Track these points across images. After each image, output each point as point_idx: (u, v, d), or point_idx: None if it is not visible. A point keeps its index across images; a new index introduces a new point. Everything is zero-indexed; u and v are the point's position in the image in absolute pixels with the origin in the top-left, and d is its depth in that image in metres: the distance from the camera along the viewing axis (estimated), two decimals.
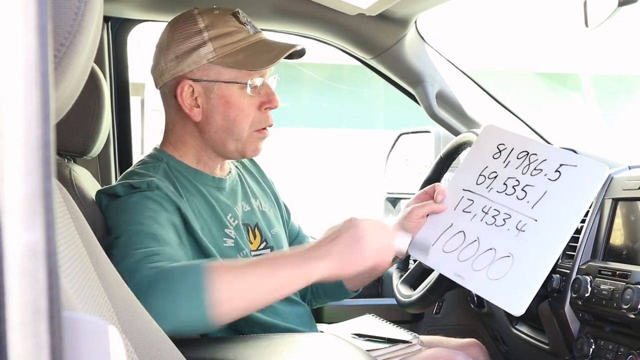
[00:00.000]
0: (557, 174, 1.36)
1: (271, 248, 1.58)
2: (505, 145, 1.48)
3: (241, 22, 1.49)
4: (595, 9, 1.53)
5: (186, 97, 1.48)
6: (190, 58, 1.46)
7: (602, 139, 8.43)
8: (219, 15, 1.48)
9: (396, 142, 2.61)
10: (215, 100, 1.47)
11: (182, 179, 1.49)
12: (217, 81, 1.47)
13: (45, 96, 0.40)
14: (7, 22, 0.39)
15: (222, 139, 1.49)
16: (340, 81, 8.71)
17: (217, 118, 1.48)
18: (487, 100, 2.14)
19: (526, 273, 1.30)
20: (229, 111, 1.47)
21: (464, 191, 1.49)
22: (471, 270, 1.37)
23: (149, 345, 0.90)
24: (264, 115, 1.50)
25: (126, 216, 1.35)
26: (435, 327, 2.21)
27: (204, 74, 1.47)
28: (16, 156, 0.39)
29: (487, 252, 1.37)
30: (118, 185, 1.42)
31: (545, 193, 1.36)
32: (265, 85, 1.50)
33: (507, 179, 1.43)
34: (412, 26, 2.02)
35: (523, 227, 1.35)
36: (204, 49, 1.46)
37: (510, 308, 1.29)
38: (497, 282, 1.32)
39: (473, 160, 1.52)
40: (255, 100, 1.49)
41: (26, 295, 0.39)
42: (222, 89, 1.47)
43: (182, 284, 1.17)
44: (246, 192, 1.62)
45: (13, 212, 0.39)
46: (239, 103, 1.47)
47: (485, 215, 1.43)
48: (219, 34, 1.46)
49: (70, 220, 0.84)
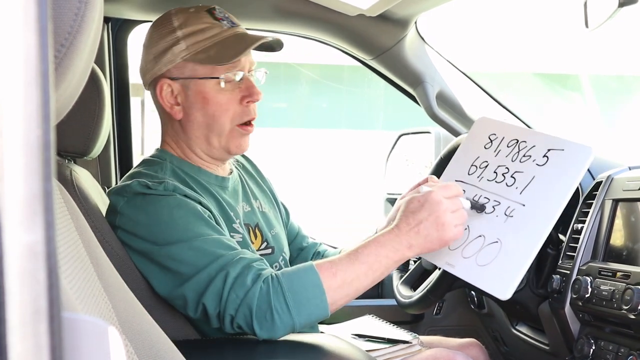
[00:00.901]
0: (545, 159, 1.37)
1: (272, 249, 1.59)
2: (496, 134, 1.49)
3: (216, 18, 1.49)
4: (596, 9, 1.53)
5: (166, 96, 1.50)
6: (165, 57, 1.48)
7: (602, 140, 8.42)
8: (193, 12, 1.50)
9: (396, 142, 2.61)
10: (193, 97, 1.49)
11: (188, 178, 1.49)
12: (193, 78, 1.48)
13: (46, 97, 0.40)
14: (7, 22, 0.39)
15: (204, 135, 1.50)
16: (340, 82, 8.71)
17: (197, 115, 1.49)
18: (487, 101, 2.14)
19: (513, 257, 1.31)
20: (207, 107, 1.48)
21: (456, 182, 1.50)
22: (461, 258, 1.38)
23: (149, 346, 0.90)
24: (245, 109, 1.50)
25: (170, 229, 1.36)
26: (435, 327, 2.21)
27: (179, 72, 1.48)
28: (16, 157, 0.39)
29: (477, 240, 1.38)
30: (134, 183, 1.40)
31: (534, 178, 1.36)
32: (246, 78, 1.50)
33: (497, 167, 1.44)
34: (412, 27, 2.02)
35: (511, 213, 1.36)
36: (178, 47, 1.47)
37: (497, 292, 1.30)
38: (485, 268, 1.33)
39: (465, 152, 1.54)
40: (236, 94, 1.49)
41: (26, 295, 0.39)
42: (199, 86, 1.48)
43: (305, 291, 1.30)
44: (247, 192, 1.62)
45: (13, 212, 0.39)
46: (216, 98, 1.48)
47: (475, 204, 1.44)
48: (191, 32, 1.47)
49: (70, 221, 0.84)
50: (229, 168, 1.60)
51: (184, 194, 1.40)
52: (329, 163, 8.40)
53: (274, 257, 1.59)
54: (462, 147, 1.56)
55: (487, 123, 1.53)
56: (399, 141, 2.61)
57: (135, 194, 1.40)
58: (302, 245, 1.76)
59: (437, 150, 2.29)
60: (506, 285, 1.29)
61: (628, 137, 8.17)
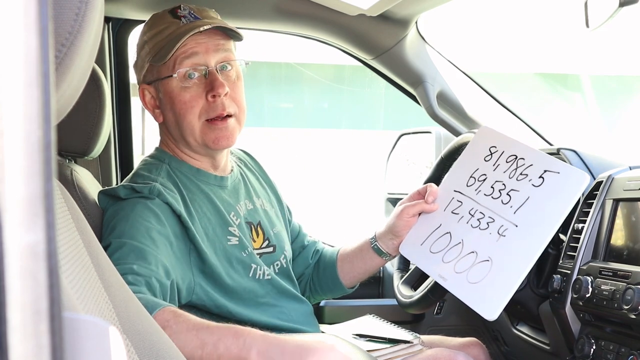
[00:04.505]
0: (541, 180, 1.38)
1: (273, 247, 1.59)
2: (496, 147, 1.50)
3: (177, 16, 1.48)
4: (596, 9, 1.53)
5: (148, 101, 1.52)
6: (139, 63, 1.52)
7: (602, 140, 8.42)
8: (160, 14, 1.50)
9: (397, 142, 2.61)
10: (163, 98, 1.50)
11: (184, 179, 1.49)
12: (158, 79, 1.49)
13: (46, 97, 0.40)
14: (8, 22, 0.39)
15: (181, 134, 1.51)
16: (340, 82, 8.70)
17: (169, 114, 1.51)
18: (488, 101, 2.14)
19: (502, 279, 1.32)
20: (174, 106, 1.49)
21: (455, 192, 1.51)
22: (453, 272, 1.39)
23: (150, 346, 0.90)
24: (212, 105, 1.48)
25: (121, 225, 1.36)
26: (436, 327, 2.21)
27: (150, 75, 1.50)
28: (17, 157, 0.39)
29: (469, 255, 1.39)
30: (120, 187, 1.43)
31: (528, 199, 1.38)
32: (211, 72, 1.48)
33: (494, 182, 1.45)
34: (413, 27, 2.02)
35: (504, 232, 1.37)
36: (144, 51, 1.49)
37: (484, 312, 1.32)
38: (475, 286, 1.34)
39: (465, 161, 1.55)
40: (201, 90, 1.48)
41: (27, 295, 0.39)
42: (165, 86, 1.49)
43: None
44: (249, 190, 1.62)
45: (14, 212, 0.39)
46: (180, 96, 1.48)
47: (471, 218, 1.45)
48: (153, 34, 1.48)
49: (71, 221, 0.84)
50: (229, 167, 1.60)
51: (166, 201, 1.40)
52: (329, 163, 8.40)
53: (275, 256, 1.59)
54: (463, 156, 1.57)
55: (489, 134, 1.54)
56: (399, 141, 2.61)
57: (117, 198, 1.43)
58: (303, 243, 1.77)
59: (438, 150, 2.28)
60: (494, 307, 1.31)
61: (628, 137, 8.17)
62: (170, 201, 1.40)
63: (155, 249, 1.33)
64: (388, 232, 1.60)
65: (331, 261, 1.72)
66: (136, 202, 1.39)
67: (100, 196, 1.47)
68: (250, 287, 1.48)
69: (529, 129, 2.13)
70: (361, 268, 1.68)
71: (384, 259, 1.64)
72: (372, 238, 1.63)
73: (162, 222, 1.37)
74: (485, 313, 1.31)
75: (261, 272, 1.51)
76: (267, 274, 1.52)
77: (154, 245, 1.33)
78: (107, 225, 1.39)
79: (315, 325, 1.61)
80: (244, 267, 1.48)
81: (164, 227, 1.37)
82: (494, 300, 1.31)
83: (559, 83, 8.99)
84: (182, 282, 1.38)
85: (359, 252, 1.67)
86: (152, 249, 1.32)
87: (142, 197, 1.40)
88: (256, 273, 1.50)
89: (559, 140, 2.10)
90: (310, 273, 1.75)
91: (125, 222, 1.36)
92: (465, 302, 1.36)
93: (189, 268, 1.40)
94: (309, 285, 1.75)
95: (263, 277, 1.51)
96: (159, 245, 1.34)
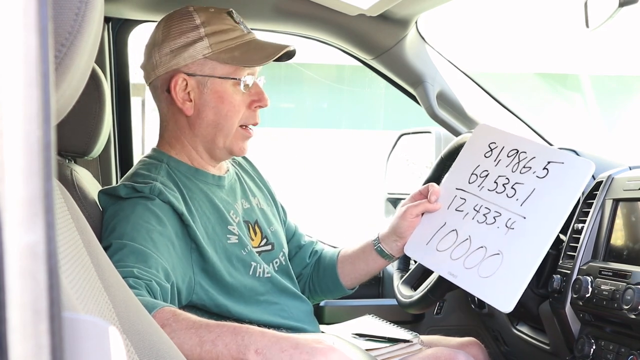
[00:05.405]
0: (545, 171, 1.38)
1: (272, 245, 1.60)
2: (496, 143, 1.50)
3: (235, 22, 1.53)
4: (596, 9, 1.53)
5: (179, 91, 1.50)
6: (186, 52, 1.48)
7: (602, 140, 8.42)
8: (215, 13, 1.52)
9: (397, 142, 2.61)
10: (209, 95, 1.49)
11: (183, 179, 1.50)
12: (212, 76, 1.49)
13: (46, 97, 0.40)
14: (8, 22, 0.39)
15: (211, 134, 1.51)
16: (340, 82, 8.71)
17: (209, 112, 1.50)
18: (488, 101, 2.14)
19: (514, 270, 1.32)
20: (221, 106, 1.50)
21: (457, 190, 1.51)
22: (463, 269, 1.39)
23: (150, 346, 0.90)
24: (252, 114, 1.53)
25: (121, 226, 1.36)
26: (435, 327, 2.21)
27: (198, 68, 1.49)
28: (17, 157, 0.39)
29: (478, 250, 1.39)
30: (121, 186, 1.43)
31: (534, 190, 1.37)
32: (255, 84, 1.53)
33: (497, 177, 1.45)
34: (413, 27, 2.02)
35: (512, 225, 1.37)
36: (200, 44, 1.48)
37: (500, 305, 1.31)
38: (487, 280, 1.34)
39: (465, 159, 1.55)
40: (246, 98, 1.52)
41: (26, 295, 0.39)
42: (216, 84, 1.49)
43: None
44: (245, 190, 1.63)
45: (13, 212, 0.39)
46: (232, 99, 1.50)
47: (476, 214, 1.45)
48: (215, 31, 1.49)
49: (70, 221, 0.84)
50: (225, 167, 1.62)
51: (167, 200, 1.40)
52: (330, 163, 8.40)
53: (274, 254, 1.60)
54: (463, 154, 1.57)
55: (487, 130, 1.54)
56: (399, 141, 2.61)
57: (117, 197, 1.43)
58: (300, 243, 1.77)
59: (438, 150, 2.28)
60: (509, 298, 1.30)
61: (628, 137, 8.17)
62: (171, 200, 1.40)
63: (156, 251, 1.33)
64: (392, 233, 1.60)
65: (331, 262, 1.72)
66: (136, 202, 1.39)
67: (100, 195, 1.47)
68: (251, 285, 1.49)
69: (529, 129, 2.13)
70: (363, 270, 1.69)
71: (387, 261, 1.65)
72: (375, 240, 1.64)
73: (163, 223, 1.38)
74: (501, 305, 1.31)
75: (261, 270, 1.51)
76: (266, 272, 1.53)
77: (155, 247, 1.33)
78: (107, 225, 1.39)
79: (315, 323, 1.61)
80: (244, 265, 1.49)
81: (165, 228, 1.37)
82: (509, 292, 1.31)
83: (559, 83, 8.99)
84: (183, 283, 1.38)
85: (361, 254, 1.67)
86: (153, 252, 1.32)
87: (143, 198, 1.40)
88: (256, 271, 1.50)
89: (559, 140, 2.10)
90: (310, 273, 1.75)
91: (126, 223, 1.36)
92: (479, 296, 1.36)
93: (190, 267, 1.40)
94: (309, 286, 1.75)
95: (263, 275, 1.52)
96: (160, 247, 1.34)
